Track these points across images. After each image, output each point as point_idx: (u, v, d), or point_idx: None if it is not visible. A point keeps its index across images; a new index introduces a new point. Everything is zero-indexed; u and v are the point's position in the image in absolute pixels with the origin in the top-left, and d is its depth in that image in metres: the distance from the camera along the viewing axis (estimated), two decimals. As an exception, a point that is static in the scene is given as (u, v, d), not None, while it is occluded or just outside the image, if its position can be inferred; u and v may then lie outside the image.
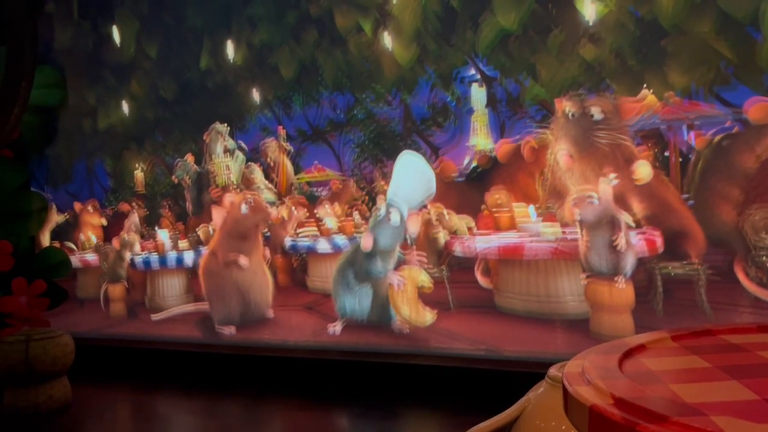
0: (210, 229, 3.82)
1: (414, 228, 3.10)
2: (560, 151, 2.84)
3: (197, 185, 3.99)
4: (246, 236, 3.58)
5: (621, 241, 2.69)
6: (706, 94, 2.66)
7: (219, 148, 3.86)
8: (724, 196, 2.63)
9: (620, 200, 2.75)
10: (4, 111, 3.02)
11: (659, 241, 2.75)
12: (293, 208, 3.68)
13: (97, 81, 4.14)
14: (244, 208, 3.57)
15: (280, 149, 3.77)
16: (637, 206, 2.76)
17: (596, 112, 2.78)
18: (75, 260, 4.09)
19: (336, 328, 3.28)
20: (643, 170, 2.71)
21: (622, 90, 2.78)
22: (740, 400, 0.64)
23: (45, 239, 4.21)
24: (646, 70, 2.73)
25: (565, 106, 2.84)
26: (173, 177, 4.01)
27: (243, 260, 3.54)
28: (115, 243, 4.04)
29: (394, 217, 3.07)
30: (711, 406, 0.61)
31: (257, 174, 3.82)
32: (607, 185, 2.71)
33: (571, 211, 2.76)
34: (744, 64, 2.53)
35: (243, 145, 3.86)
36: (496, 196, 3.11)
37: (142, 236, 4.06)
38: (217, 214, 3.61)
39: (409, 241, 3.16)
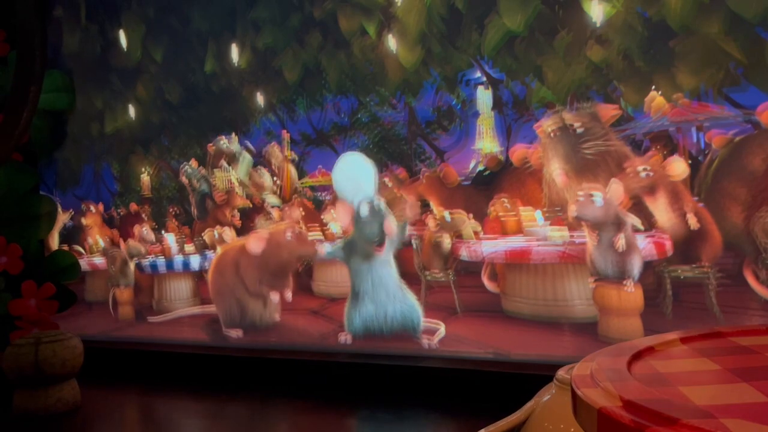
0: (215, 233, 3.83)
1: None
2: (555, 171, 2.86)
3: (201, 190, 4.01)
4: (283, 269, 3.45)
5: (620, 242, 2.67)
6: (716, 95, 2.64)
7: (222, 162, 3.90)
8: (734, 198, 2.61)
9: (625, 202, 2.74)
10: (14, 115, 3.04)
11: (668, 244, 2.73)
12: (286, 208, 3.68)
13: (104, 85, 4.16)
14: (288, 235, 3.42)
15: (284, 154, 3.78)
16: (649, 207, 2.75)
17: (576, 126, 2.78)
18: (83, 263, 4.11)
19: (347, 337, 3.25)
20: (678, 166, 2.69)
21: (630, 92, 2.77)
22: (750, 402, 0.63)
23: (54, 242, 4.23)
24: (654, 72, 2.72)
25: (545, 126, 2.86)
26: (182, 177, 4.03)
27: (274, 296, 3.46)
28: (123, 247, 4.06)
29: (382, 207, 3.10)
30: (721, 408, 0.60)
31: (266, 178, 3.84)
32: (617, 185, 2.68)
33: (570, 209, 2.75)
34: (754, 65, 2.52)
35: (250, 146, 3.88)
36: (497, 205, 3.11)
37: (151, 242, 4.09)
38: (256, 245, 3.43)
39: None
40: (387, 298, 3.15)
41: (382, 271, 3.15)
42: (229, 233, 3.82)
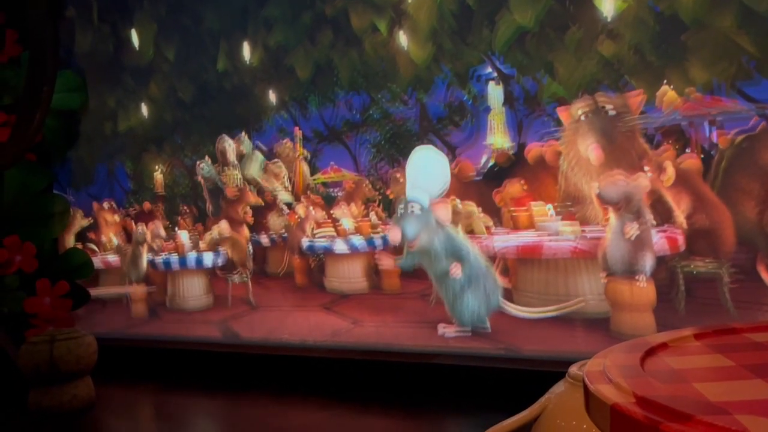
0: (215, 233, 3.88)
1: (443, 215, 3.00)
2: (590, 146, 2.79)
3: (215, 187, 4.03)
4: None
5: (631, 231, 2.64)
6: (728, 89, 2.62)
7: (232, 158, 3.92)
8: (747, 193, 2.59)
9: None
10: (27, 115, 3.07)
11: (681, 239, 2.71)
12: (310, 207, 3.70)
13: (116, 84, 4.19)
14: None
15: (296, 151, 3.80)
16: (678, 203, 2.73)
17: (609, 108, 2.76)
18: (97, 261, 4.14)
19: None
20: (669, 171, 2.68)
21: (642, 86, 2.75)
22: (765, 398, 0.62)
23: (69, 241, 4.27)
24: (666, 66, 2.70)
25: (575, 109, 2.82)
26: (199, 178, 4.06)
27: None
28: (132, 229, 4.12)
29: (416, 209, 2.99)
30: (735, 404, 0.60)
31: (283, 169, 3.87)
32: (645, 180, 2.66)
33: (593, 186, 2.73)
34: (767, 58, 2.49)
35: (261, 145, 3.90)
36: (510, 188, 3.09)
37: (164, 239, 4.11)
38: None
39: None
40: None
41: None
42: (226, 229, 3.85)
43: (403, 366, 3.03)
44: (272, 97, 3.79)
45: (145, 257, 4.06)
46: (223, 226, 3.86)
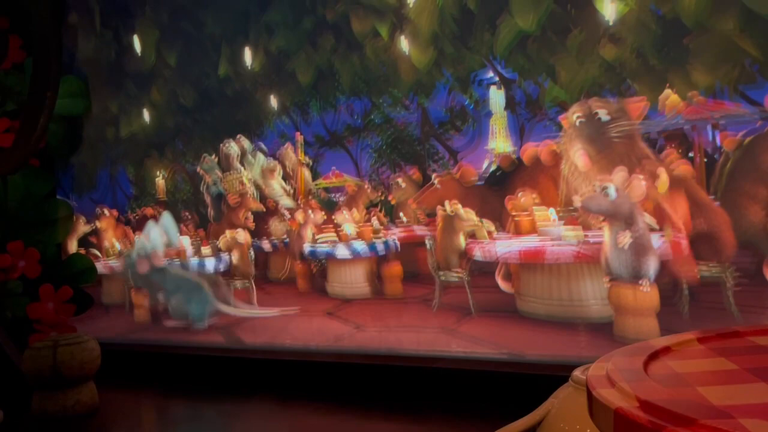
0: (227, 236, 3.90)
1: None
2: (577, 152, 2.80)
3: (216, 192, 4.04)
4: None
5: (624, 240, 2.62)
6: (731, 92, 2.61)
7: (235, 163, 3.93)
8: (751, 196, 2.58)
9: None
10: (30, 120, 3.08)
11: (684, 244, 2.70)
12: (309, 211, 3.70)
13: (119, 90, 4.21)
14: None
15: (297, 156, 3.81)
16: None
17: (602, 114, 2.75)
18: (100, 267, 4.14)
19: None
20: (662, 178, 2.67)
21: (644, 90, 2.75)
22: (769, 402, 0.62)
23: (72, 247, 4.28)
24: (668, 70, 2.70)
25: (571, 114, 2.83)
26: (198, 168, 4.07)
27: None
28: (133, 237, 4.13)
29: None
30: (738, 408, 0.59)
31: (278, 167, 3.88)
32: (639, 182, 2.63)
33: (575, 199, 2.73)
34: (769, 61, 2.49)
35: (263, 146, 3.91)
36: (523, 199, 3.09)
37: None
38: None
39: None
40: None
41: None
42: (242, 235, 3.84)
43: (406, 370, 3.02)
44: (274, 102, 3.80)
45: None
46: (241, 234, 3.86)
